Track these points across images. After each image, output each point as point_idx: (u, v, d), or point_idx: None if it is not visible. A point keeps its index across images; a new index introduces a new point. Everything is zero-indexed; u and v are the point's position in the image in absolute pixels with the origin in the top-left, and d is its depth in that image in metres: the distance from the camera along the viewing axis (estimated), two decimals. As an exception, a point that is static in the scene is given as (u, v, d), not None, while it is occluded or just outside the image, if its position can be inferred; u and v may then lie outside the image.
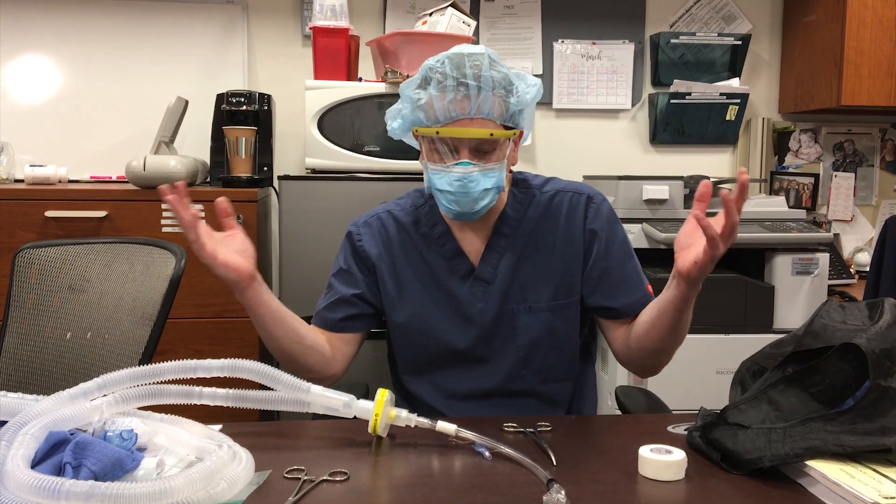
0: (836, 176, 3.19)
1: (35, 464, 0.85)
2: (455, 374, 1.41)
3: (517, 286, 1.39)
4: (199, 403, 1.07)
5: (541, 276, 1.40)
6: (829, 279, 2.60)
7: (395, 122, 1.37)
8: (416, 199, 1.47)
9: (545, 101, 3.02)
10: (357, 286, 1.42)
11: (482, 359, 1.40)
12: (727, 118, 3.02)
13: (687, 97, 2.95)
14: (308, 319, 1.39)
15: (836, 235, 3.18)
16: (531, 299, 1.39)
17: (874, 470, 0.91)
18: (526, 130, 1.36)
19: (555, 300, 1.40)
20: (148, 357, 1.51)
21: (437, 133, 1.27)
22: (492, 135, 1.26)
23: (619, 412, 1.54)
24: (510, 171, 1.42)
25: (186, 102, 2.50)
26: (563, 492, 0.89)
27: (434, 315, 1.40)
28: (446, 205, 1.31)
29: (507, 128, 1.30)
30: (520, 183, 1.45)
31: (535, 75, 2.23)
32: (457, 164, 1.27)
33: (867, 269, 2.64)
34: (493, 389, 1.40)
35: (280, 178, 2.28)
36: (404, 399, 1.46)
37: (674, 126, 3.03)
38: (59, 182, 2.44)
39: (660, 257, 2.44)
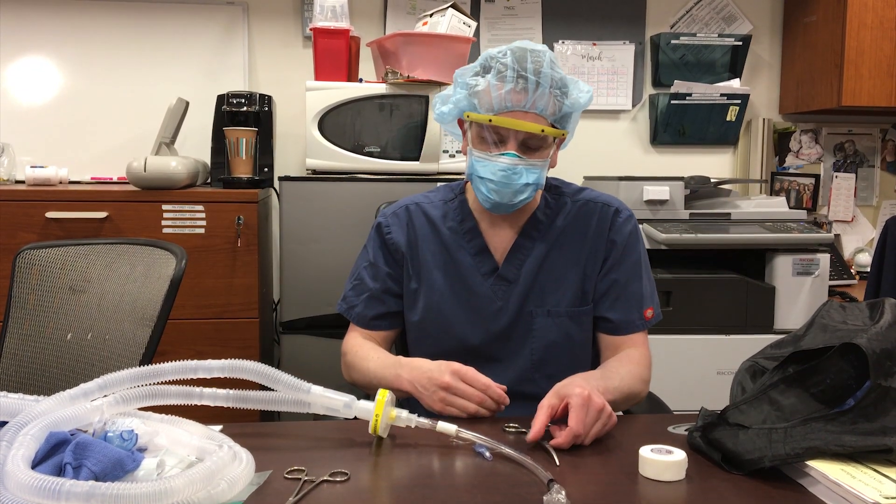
0: (836, 176, 3.19)
1: (35, 464, 0.85)
2: None
3: (538, 288, 1.40)
4: (199, 404, 1.08)
5: (562, 281, 1.41)
6: (830, 280, 2.60)
7: (445, 106, 1.38)
8: (445, 194, 1.49)
9: (546, 102, 3.02)
10: (384, 281, 1.44)
11: (496, 358, 1.41)
12: (728, 119, 3.02)
13: (687, 98, 2.95)
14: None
15: (837, 236, 3.17)
16: (550, 303, 1.40)
17: (875, 470, 0.91)
18: (568, 136, 1.38)
19: (573, 306, 1.41)
20: (148, 358, 1.51)
21: (490, 121, 1.28)
22: (543, 131, 1.28)
23: (619, 412, 1.53)
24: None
25: (187, 103, 2.50)
26: (563, 492, 0.89)
27: (452, 309, 1.41)
28: (485, 193, 1.33)
29: (555, 128, 1.32)
30: (553, 189, 1.47)
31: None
32: (503, 154, 1.29)
33: (868, 269, 2.64)
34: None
35: (281, 178, 2.28)
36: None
37: (674, 127, 3.03)
38: (60, 183, 2.44)
39: (660, 258, 2.44)
